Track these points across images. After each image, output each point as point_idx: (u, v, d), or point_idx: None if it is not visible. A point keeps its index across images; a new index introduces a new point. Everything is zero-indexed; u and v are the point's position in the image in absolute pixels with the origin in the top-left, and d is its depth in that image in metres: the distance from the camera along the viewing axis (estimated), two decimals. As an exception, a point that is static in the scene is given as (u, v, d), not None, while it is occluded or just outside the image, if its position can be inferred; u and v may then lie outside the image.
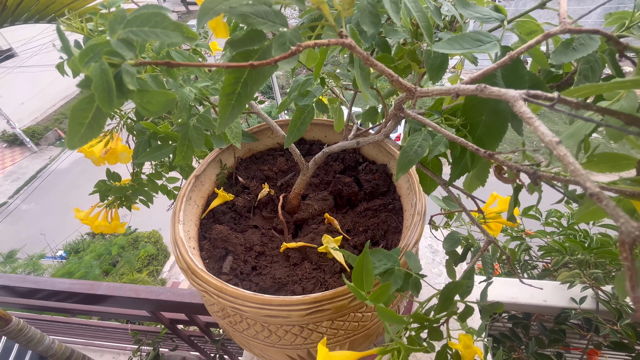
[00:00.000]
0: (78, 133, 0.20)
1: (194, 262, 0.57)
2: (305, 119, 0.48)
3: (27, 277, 1.74)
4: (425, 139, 0.36)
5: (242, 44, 0.24)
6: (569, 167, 0.18)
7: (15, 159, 12.30)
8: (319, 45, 0.22)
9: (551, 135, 0.18)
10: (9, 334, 1.30)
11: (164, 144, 0.70)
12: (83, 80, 0.19)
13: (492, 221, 0.64)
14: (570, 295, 1.12)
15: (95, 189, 0.93)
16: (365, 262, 0.34)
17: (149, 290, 1.59)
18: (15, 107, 11.88)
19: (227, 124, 0.25)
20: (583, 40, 0.31)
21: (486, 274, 0.56)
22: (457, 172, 0.38)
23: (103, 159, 0.82)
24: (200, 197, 0.76)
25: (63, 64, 0.48)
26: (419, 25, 0.32)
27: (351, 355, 0.37)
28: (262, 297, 0.51)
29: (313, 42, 0.22)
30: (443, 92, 0.26)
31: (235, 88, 0.25)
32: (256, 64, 0.21)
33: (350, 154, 0.85)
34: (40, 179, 11.52)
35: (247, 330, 0.60)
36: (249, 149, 0.88)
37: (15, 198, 11.11)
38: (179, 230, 0.62)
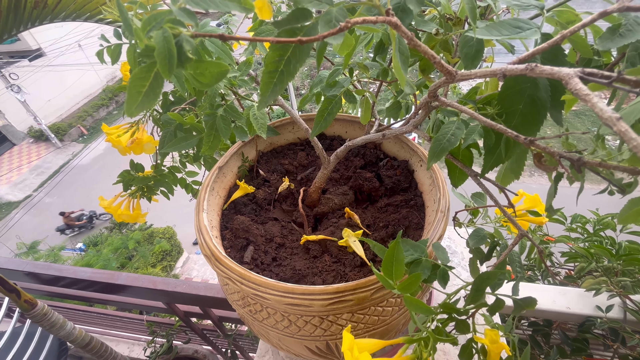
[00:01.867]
0: (136, 101, 0.21)
1: (218, 249, 0.58)
2: (333, 109, 0.49)
3: (51, 264, 1.80)
4: (459, 127, 0.35)
5: (287, 22, 0.24)
6: (631, 143, 0.17)
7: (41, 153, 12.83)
8: (367, 22, 0.22)
9: (610, 111, 0.18)
10: (34, 318, 1.35)
11: (189, 135, 0.71)
12: (143, 49, 0.20)
13: (519, 219, 0.63)
14: (596, 303, 1.08)
15: (119, 179, 0.96)
16: (396, 252, 0.34)
17: (165, 282, 1.62)
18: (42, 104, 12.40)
19: (268, 102, 0.26)
20: (630, 26, 0.30)
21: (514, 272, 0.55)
22: (490, 162, 0.38)
23: (129, 148, 0.84)
24: (222, 188, 0.77)
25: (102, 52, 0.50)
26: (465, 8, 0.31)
27: (377, 343, 0.37)
28: (285, 285, 0.51)
29: (362, 19, 0.22)
30: (488, 73, 0.26)
31: (278, 66, 0.25)
32: (305, 40, 0.21)
33: (371, 149, 0.85)
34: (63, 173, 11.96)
35: (267, 319, 0.60)
36: (270, 143, 0.89)
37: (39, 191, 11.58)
38: (203, 218, 0.64)
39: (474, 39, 0.36)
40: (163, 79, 0.20)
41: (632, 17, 0.30)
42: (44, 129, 12.40)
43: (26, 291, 1.42)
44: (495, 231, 0.58)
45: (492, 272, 0.34)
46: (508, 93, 0.34)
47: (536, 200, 0.62)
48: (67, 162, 12.37)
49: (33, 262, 1.74)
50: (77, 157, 12.47)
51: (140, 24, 0.19)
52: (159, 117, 0.84)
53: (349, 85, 0.49)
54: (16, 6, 0.88)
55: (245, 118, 0.61)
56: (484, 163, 0.38)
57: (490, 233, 0.58)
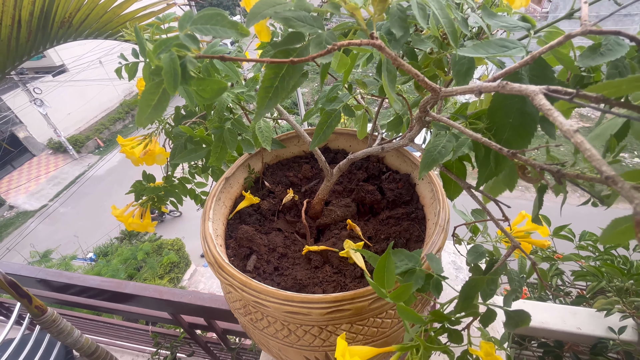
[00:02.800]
0: (145, 112, 0.23)
1: (221, 257, 0.60)
2: (332, 123, 0.51)
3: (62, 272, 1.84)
4: (449, 140, 0.37)
5: (283, 44, 0.27)
6: (586, 154, 0.18)
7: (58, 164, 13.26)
8: (352, 44, 0.24)
9: (569, 124, 0.19)
10: (43, 324, 1.38)
11: (199, 147, 0.75)
12: (154, 69, 0.23)
13: (521, 240, 0.63)
14: (608, 324, 1.04)
15: (131, 189, 1.00)
16: (387, 261, 0.35)
17: (171, 292, 1.64)
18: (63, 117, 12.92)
19: (263, 114, 0.28)
20: (611, 45, 0.31)
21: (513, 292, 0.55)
22: (484, 175, 0.39)
23: (142, 159, 0.88)
24: (228, 198, 0.79)
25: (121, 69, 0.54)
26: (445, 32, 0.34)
27: (370, 350, 0.38)
28: (285, 293, 0.52)
29: (347, 42, 0.24)
30: (467, 90, 0.27)
31: (274, 82, 0.28)
32: (296, 60, 0.24)
33: (374, 163, 0.87)
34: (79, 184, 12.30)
35: (267, 328, 0.61)
36: (275, 155, 0.92)
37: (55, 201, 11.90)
38: (208, 227, 0.66)
39: (465, 57, 0.38)
40: (169, 95, 0.23)
41: (612, 38, 0.32)
42: (62, 140, 12.87)
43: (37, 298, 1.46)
44: (495, 248, 0.58)
45: (479, 279, 0.35)
46: (497, 107, 0.36)
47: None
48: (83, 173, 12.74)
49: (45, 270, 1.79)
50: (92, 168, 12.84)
51: (152, 47, 0.22)
52: (171, 130, 0.88)
53: (348, 101, 0.51)
54: (44, 25, 0.95)
55: (251, 131, 0.64)
56: (478, 176, 0.39)
57: (490, 250, 0.58)
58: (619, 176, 0.17)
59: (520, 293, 0.55)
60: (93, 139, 13.84)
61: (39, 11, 0.93)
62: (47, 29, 0.99)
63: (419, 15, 0.31)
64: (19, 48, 0.97)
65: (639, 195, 0.16)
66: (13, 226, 11.14)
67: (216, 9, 0.22)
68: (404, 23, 0.32)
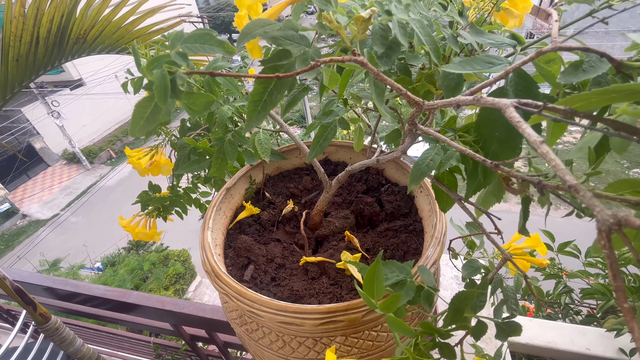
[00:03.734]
0: (138, 124, 0.25)
1: (218, 266, 0.61)
2: (328, 135, 0.52)
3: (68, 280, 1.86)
4: (438, 153, 0.37)
5: (271, 61, 0.28)
6: (551, 163, 0.19)
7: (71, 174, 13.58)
8: (334, 61, 0.26)
9: (536, 135, 0.20)
10: (46, 332, 1.39)
11: (202, 158, 0.77)
12: (147, 83, 0.24)
13: (519, 258, 0.62)
14: (619, 345, 1.00)
15: (138, 199, 1.02)
16: (376, 271, 0.35)
17: (173, 303, 1.64)
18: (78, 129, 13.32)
19: (252, 127, 0.30)
20: (593, 62, 0.32)
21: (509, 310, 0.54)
22: (472, 187, 0.39)
23: (148, 170, 0.91)
24: (229, 208, 0.81)
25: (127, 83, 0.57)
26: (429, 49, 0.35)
27: (359, 363, 0.38)
28: (278, 303, 0.52)
29: (329, 58, 0.26)
30: (446, 104, 0.28)
31: (262, 96, 0.29)
32: (281, 76, 0.25)
33: (374, 175, 0.87)
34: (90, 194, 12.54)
35: (262, 339, 0.61)
36: (277, 167, 0.93)
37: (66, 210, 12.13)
38: (207, 236, 0.67)
39: (453, 73, 0.40)
40: (161, 108, 0.25)
41: (594, 55, 0.32)
42: (77, 151, 13.22)
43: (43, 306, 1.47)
44: (490, 264, 0.58)
45: (470, 292, 0.35)
46: (484, 121, 0.37)
47: (536, 240, 0.61)
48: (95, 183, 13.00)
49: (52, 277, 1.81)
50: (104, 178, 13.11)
51: (146, 64, 0.24)
52: (177, 142, 0.91)
53: (343, 114, 0.53)
54: (60, 42, 1.00)
55: (251, 143, 0.66)
56: (467, 188, 0.40)
57: (486, 266, 0.58)
58: (580, 185, 0.18)
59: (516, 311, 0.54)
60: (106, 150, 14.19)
61: (56, 29, 0.99)
62: (63, 45, 1.04)
63: (399, 33, 0.33)
64: (36, 63, 1.02)
65: (600, 203, 0.17)
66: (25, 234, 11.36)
67: (205, 29, 0.24)
68: (386, 41, 0.34)
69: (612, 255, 0.16)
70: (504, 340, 0.38)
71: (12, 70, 0.97)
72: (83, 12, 1.00)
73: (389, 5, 0.33)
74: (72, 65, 13.52)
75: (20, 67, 0.99)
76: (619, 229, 0.16)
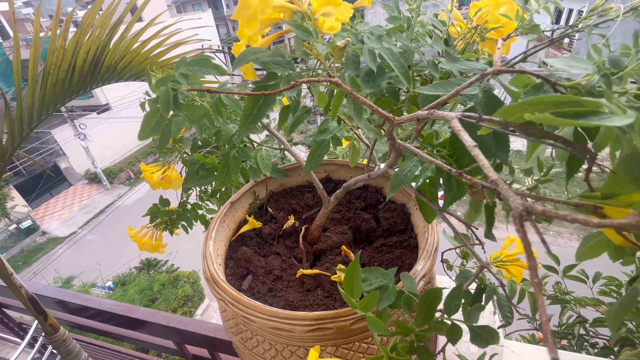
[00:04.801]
0: (146, 130, 0.30)
1: (218, 274, 0.64)
2: (322, 151, 0.57)
3: (79, 294, 1.91)
4: (415, 165, 0.41)
5: (262, 82, 0.34)
6: (480, 163, 0.22)
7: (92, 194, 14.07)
8: (310, 81, 0.31)
9: (470, 141, 0.24)
10: (54, 343, 1.42)
11: (209, 174, 0.82)
12: (155, 97, 0.30)
13: (511, 265, 0.63)
14: (634, 379, 0.94)
15: (147, 212, 1.08)
16: (355, 270, 0.38)
17: (178, 320, 1.65)
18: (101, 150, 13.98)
19: (244, 136, 0.34)
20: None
21: (504, 318, 0.55)
22: (449, 198, 0.42)
23: (159, 183, 0.97)
24: (232, 221, 0.85)
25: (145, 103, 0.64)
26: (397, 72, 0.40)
27: (340, 363, 0.39)
28: (270, 309, 0.55)
29: (307, 79, 0.30)
30: (411, 118, 0.32)
31: (253, 111, 0.34)
32: (267, 94, 0.30)
33: (372, 193, 0.90)
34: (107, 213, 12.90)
35: (255, 347, 0.62)
36: (280, 184, 0.98)
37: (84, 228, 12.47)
38: (209, 246, 0.71)
39: (430, 94, 0.44)
40: (165, 118, 0.30)
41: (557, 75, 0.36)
42: (98, 172, 13.79)
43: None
44: (482, 275, 0.59)
45: (437, 289, 0.37)
46: (456, 137, 0.40)
47: None
48: (112, 203, 13.40)
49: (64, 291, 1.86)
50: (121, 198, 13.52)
51: (154, 82, 0.30)
52: (187, 159, 0.97)
53: (337, 132, 0.57)
54: (94, 70, 1.12)
55: (254, 159, 0.71)
56: (444, 199, 0.43)
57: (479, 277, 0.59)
58: (500, 179, 0.21)
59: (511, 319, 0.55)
60: (125, 170, 14.74)
61: (91, 59, 1.10)
62: (95, 73, 1.16)
63: (369, 59, 0.38)
64: (71, 88, 1.13)
65: (514, 194, 0.20)
66: (43, 251, 11.66)
67: (205, 56, 0.30)
68: (357, 65, 0.39)
69: (525, 238, 0.19)
70: (482, 347, 0.39)
71: (49, 94, 1.08)
72: (116, 45, 1.12)
73: (363, 36, 0.38)
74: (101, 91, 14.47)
75: (57, 91, 1.10)
76: (528, 215, 0.19)
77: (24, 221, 11.83)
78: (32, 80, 1.02)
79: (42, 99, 1.07)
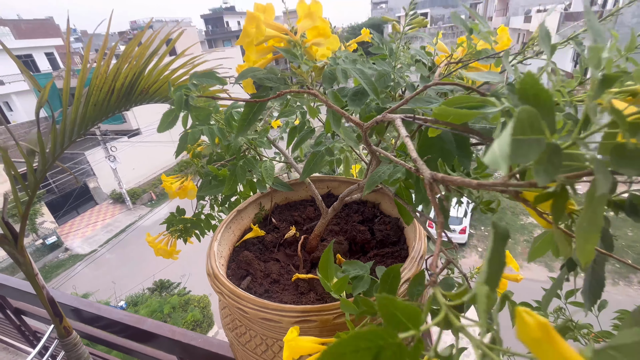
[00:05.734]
0: (163, 125, 0.38)
1: (219, 270, 0.70)
2: (317, 161, 0.64)
3: (93, 303, 1.98)
4: (388, 168, 0.47)
5: (258, 93, 0.42)
6: (407, 148, 0.28)
7: (115, 213, 14.63)
8: (292, 92, 0.38)
9: (405, 132, 0.30)
10: (66, 346, 1.48)
11: (220, 183, 0.91)
12: (172, 100, 0.38)
13: None
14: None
15: (165, 220, 1.17)
16: (329, 254, 0.43)
17: (182, 333, 1.68)
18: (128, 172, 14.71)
19: (241, 135, 0.42)
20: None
21: None
22: (419, 199, 0.48)
23: (177, 193, 1.07)
24: (238, 228, 0.92)
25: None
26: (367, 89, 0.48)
27: (316, 341, 0.44)
28: (262, 301, 0.60)
29: (289, 90, 0.38)
30: (373, 122, 0.39)
31: (249, 115, 0.42)
32: (258, 100, 0.38)
33: (370, 208, 0.96)
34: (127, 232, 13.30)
35: (248, 342, 0.67)
36: (285, 197, 1.05)
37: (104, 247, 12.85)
38: (214, 246, 0.77)
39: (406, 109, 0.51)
40: (177, 116, 0.38)
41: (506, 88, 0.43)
42: (123, 192, 14.42)
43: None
44: (463, 280, 0.62)
45: (396, 266, 0.41)
46: (424, 145, 0.47)
47: (508, 256, 0.65)
48: (133, 223, 13.84)
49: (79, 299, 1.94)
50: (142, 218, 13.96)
51: (172, 89, 0.39)
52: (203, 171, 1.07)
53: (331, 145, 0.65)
54: (129, 93, 1.27)
55: (260, 169, 0.79)
56: (415, 199, 0.48)
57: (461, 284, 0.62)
58: (419, 158, 0.27)
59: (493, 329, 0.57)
60: (148, 192, 15.34)
61: (128, 83, 1.26)
62: (130, 95, 1.32)
63: (340, 76, 0.46)
64: (108, 108, 1.29)
65: (426, 168, 0.26)
66: (63, 267, 12.02)
67: (211, 71, 0.39)
68: (332, 81, 0.47)
69: (434, 200, 0.25)
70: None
71: (90, 112, 1.24)
72: (150, 72, 1.28)
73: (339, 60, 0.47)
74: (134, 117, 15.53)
75: (96, 110, 1.25)
76: (435, 181, 0.25)
77: (50, 237, 12.36)
78: (77, 100, 1.18)
79: (83, 116, 1.22)
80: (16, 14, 51.40)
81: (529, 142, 0.17)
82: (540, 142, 0.17)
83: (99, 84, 1.18)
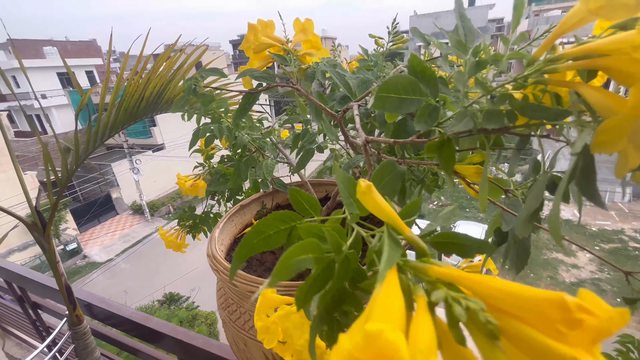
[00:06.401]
0: (177, 106, 0.48)
1: (217, 252, 0.78)
2: (308, 156, 0.73)
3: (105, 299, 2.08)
4: (359, 159, 0.55)
5: (255, 88, 0.52)
6: (356, 126, 0.36)
7: (133, 224, 15.09)
8: (277, 85, 0.48)
9: (356, 112, 0.38)
10: (76, 334, 1.57)
11: (227, 180, 1.01)
12: (183, 89, 0.49)
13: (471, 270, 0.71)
14: None
15: (177, 216, 1.28)
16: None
17: (185, 333, 1.73)
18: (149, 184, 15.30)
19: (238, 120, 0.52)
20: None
21: None
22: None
23: (189, 190, 1.17)
24: (240, 222, 1.00)
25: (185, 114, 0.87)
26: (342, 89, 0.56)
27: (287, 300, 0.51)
28: (251, 276, 0.67)
29: (275, 84, 0.48)
30: (343, 109, 0.47)
31: (245, 105, 0.52)
32: (252, 92, 0.48)
33: (363, 210, 1.02)
34: (143, 243, 13.63)
35: (238, 319, 0.73)
36: (286, 198, 1.13)
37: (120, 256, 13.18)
38: (215, 233, 0.86)
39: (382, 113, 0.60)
40: (188, 101, 0.48)
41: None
42: (143, 204, 14.95)
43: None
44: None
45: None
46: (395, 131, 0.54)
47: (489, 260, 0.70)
48: (149, 234, 14.20)
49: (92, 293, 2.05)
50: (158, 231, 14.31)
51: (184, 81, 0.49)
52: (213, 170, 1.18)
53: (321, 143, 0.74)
54: (156, 101, 1.43)
55: (261, 166, 0.88)
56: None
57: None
58: (361, 128, 0.35)
59: None
60: (166, 205, 15.81)
61: (156, 92, 1.42)
62: (157, 104, 1.48)
63: (320, 77, 0.55)
64: (137, 113, 1.44)
65: (364, 134, 0.33)
66: (79, 274, 12.36)
67: (215, 67, 0.49)
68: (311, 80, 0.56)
69: (368, 158, 0.33)
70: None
71: (121, 117, 1.40)
72: (175, 83, 1.44)
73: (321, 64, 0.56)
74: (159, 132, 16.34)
75: (127, 115, 1.41)
76: (367, 143, 0.32)
77: (71, 243, 12.82)
78: (111, 105, 1.33)
79: (115, 120, 1.38)
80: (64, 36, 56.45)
81: (411, 100, 0.25)
82: (420, 101, 0.25)
83: (132, 92, 1.34)
